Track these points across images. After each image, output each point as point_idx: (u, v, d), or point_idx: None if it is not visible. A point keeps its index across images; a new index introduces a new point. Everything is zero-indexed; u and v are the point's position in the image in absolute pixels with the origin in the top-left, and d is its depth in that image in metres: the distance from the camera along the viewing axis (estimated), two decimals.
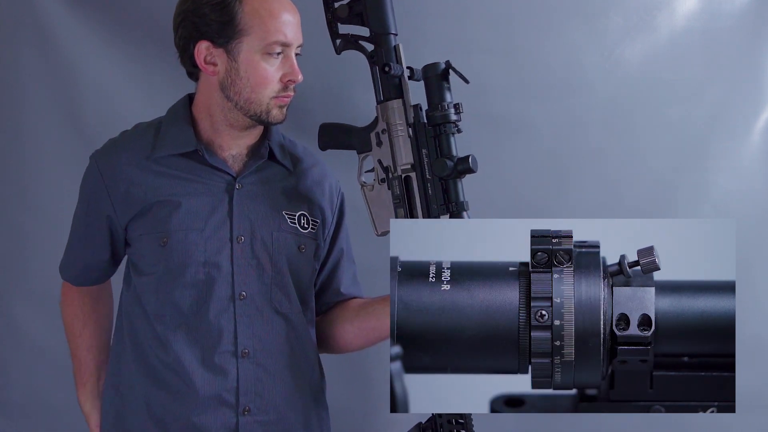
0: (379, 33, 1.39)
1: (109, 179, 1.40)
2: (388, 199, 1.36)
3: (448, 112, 1.35)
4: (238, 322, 1.36)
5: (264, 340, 1.38)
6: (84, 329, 1.53)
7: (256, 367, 1.37)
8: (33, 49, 1.94)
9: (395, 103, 1.38)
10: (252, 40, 1.34)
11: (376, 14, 1.39)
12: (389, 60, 1.38)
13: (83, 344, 1.53)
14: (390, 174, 1.37)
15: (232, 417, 1.36)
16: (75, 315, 1.54)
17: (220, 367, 1.35)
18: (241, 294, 1.37)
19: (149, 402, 1.36)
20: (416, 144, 1.36)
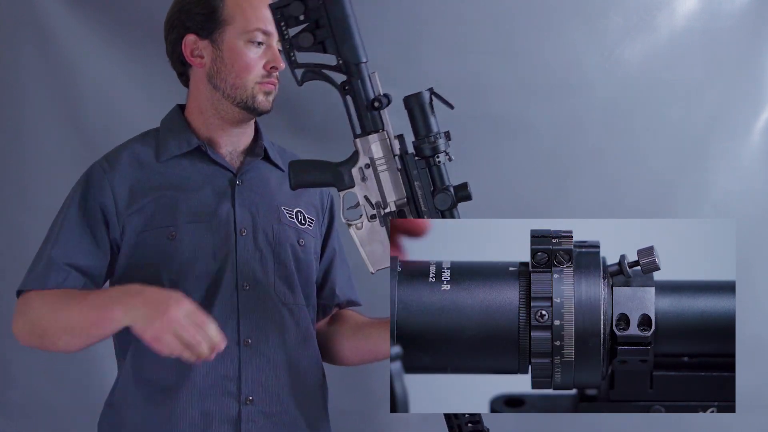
0: (351, 63, 1.29)
1: (112, 178, 1.41)
2: (382, 236, 1.29)
3: (438, 142, 1.28)
4: (241, 312, 1.38)
5: (266, 331, 1.39)
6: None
7: (258, 357, 1.38)
8: (33, 49, 1.94)
9: (377, 136, 1.30)
10: (234, 29, 1.41)
11: (346, 42, 1.28)
12: (366, 91, 1.29)
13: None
14: (381, 210, 1.29)
15: (234, 406, 1.36)
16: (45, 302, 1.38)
17: (221, 356, 1.36)
18: (245, 285, 1.39)
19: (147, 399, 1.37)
20: (407, 177, 1.29)
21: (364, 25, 1.99)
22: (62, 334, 1.34)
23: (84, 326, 1.32)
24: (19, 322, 1.39)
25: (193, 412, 1.35)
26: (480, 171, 2.05)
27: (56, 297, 1.35)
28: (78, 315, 1.31)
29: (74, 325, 1.32)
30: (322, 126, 2.02)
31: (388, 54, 2.01)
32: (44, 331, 1.35)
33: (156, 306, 1.23)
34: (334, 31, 1.27)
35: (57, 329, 1.34)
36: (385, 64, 2.01)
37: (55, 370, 1.95)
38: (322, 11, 1.26)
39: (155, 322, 1.22)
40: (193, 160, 1.44)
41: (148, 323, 1.23)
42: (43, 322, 1.35)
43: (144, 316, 1.24)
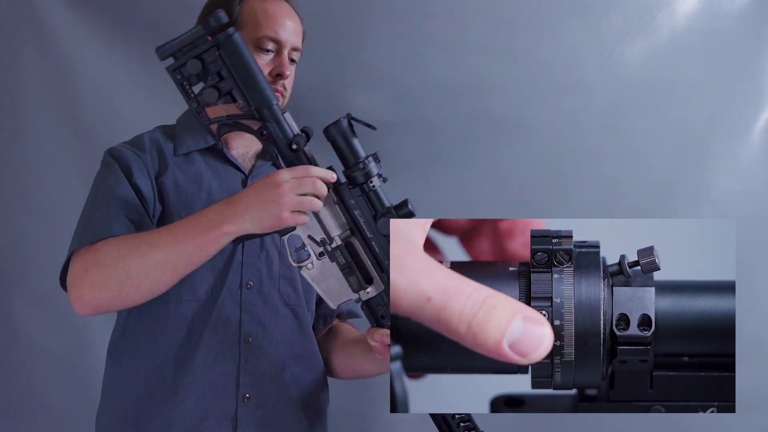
0: (261, 107, 1.25)
1: (145, 160, 1.39)
2: (334, 271, 1.27)
3: (369, 167, 1.25)
4: (243, 310, 1.38)
5: (268, 329, 1.39)
6: None
7: (258, 355, 1.38)
8: (33, 49, 1.95)
9: None
10: (246, 35, 1.39)
11: (252, 89, 1.24)
12: (285, 134, 1.25)
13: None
14: (327, 246, 1.27)
15: (232, 403, 1.36)
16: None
17: (221, 353, 1.36)
18: (248, 283, 1.39)
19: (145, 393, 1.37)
20: (346, 208, 1.26)
21: (364, 25, 2.01)
22: (152, 271, 1.26)
23: (183, 255, 1.25)
24: (86, 279, 1.28)
25: (191, 408, 1.35)
26: (480, 171, 2.06)
27: (133, 237, 1.28)
28: (173, 245, 1.25)
29: (168, 257, 1.25)
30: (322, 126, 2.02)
31: (388, 54, 2.02)
32: (128, 273, 1.26)
33: (263, 193, 1.21)
34: (237, 80, 1.24)
35: (145, 267, 1.26)
36: (385, 64, 2.03)
37: (55, 370, 1.95)
38: (220, 63, 1.24)
39: (272, 206, 1.20)
40: (207, 158, 1.44)
41: (267, 219, 1.21)
42: (127, 261, 1.25)
43: (259, 212, 1.21)
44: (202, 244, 1.25)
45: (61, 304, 1.93)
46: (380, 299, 1.27)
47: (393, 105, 2.03)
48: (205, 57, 1.24)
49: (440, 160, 2.05)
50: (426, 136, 2.04)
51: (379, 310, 1.27)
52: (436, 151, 2.05)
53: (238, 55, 1.24)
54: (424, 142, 2.04)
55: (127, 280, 1.26)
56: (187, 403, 1.35)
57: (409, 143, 2.04)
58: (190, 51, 1.24)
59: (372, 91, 2.02)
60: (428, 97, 2.03)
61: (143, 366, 1.38)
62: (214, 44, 1.24)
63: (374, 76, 2.02)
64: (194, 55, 1.24)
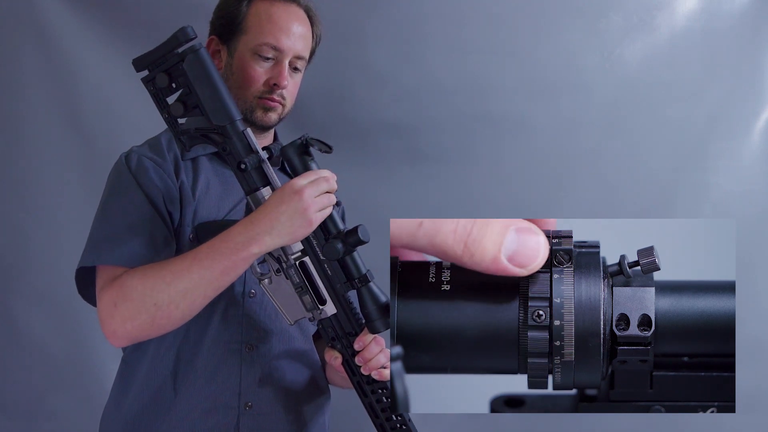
0: (222, 124, 1.25)
1: (167, 169, 1.36)
2: (289, 289, 1.27)
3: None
4: (246, 318, 1.37)
5: (270, 338, 1.39)
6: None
7: (260, 364, 1.38)
8: (33, 49, 1.95)
9: (265, 191, 1.25)
10: (247, 40, 1.39)
11: (213, 105, 1.24)
12: (241, 152, 1.25)
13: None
14: (283, 264, 1.27)
15: (234, 411, 1.36)
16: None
17: (224, 361, 1.36)
18: (251, 292, 1.38)
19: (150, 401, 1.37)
20: None
21: (365, 25, 2.01)
22: (181, 301, 1.24)
23: (210, 280, 1.24)
24: (117, 315, 1.25)
25: (192, 415, 1.35)
26: (480, 171, 2.06)
27: (157, 267, 1.26)
28: (200, 272, 1.23)
29: (196, 285, 1.24)
30: (323, 126, 2.02)
31: (388, 54, 2.02)
32: (157, 305, 1.24)
33: (286, 204, 1.21)
34: (198, 95, 1.24)
35: (173, 298, 1.24)
36: (385, 64, 2.03)
37: (55, 370, 1.95)
38: (184, 77, 1.24)
39: (298, 214, 1.21)
40: (214, 162, 1.42)
41: (298, 228, 1.22)
42: (155, 294, 1.23)
43: (287, 222, 1.22)
44: (229, 268, 1.24)
45: (61, 304, 1.94)
46: (333, 321, 1.28)
47: (393, 105, 2.03)
48: (173, 71, 1.25)
49: (440, 160, 2.05)
50: (426, 136, 2.04)
51: (329, 332, 1.29)
52: (436, 151, 2.05)
53: (200, 70, 1.24)
54: (423, 142, 2.04)
55: (157, 312, 1.25)
56: (189, 412, 1.35)
57: (408, 143, 2.04)
58: (161, 65, 1.25)
59: (372, 91, 2.02)
60: (428, 97, 2.03)
61: (147, 373, 1.38)
62: (179, 59, 1.24)
63: (374, 76, 2.02)
64: (162, 70, 1.25)
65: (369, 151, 2.03)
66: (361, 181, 1.92)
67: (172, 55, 1.25)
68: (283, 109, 1.42)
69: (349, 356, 1.29)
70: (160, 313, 1.25)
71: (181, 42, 1.24)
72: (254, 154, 1.25)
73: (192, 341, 1.36)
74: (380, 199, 1.99)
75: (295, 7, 1.42)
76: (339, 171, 1.62)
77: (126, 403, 1.40)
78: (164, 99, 1.27)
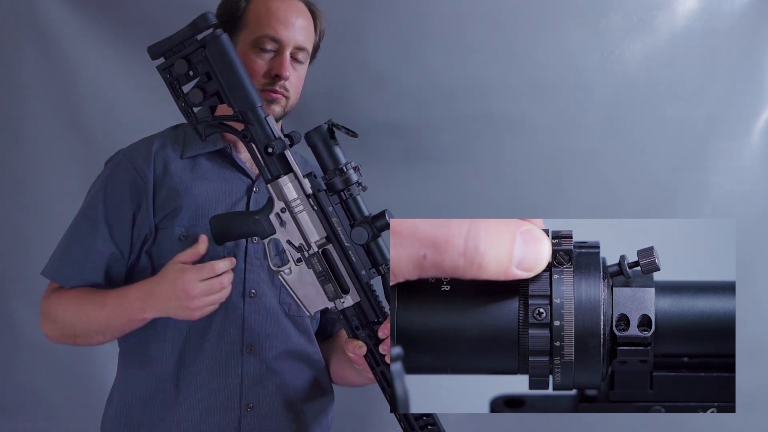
0: (244, 110, 1.25)
1: (142, 167, 1.39)
2: (311, 278, 1.26)
3: (348, 174, 1.23)
4: (246, 319, 1.37)
5: (270, 339, 1.39)
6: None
7: (260, 364, 1.38)
8: (33, 49, 1.95)
9: (286, 178, 1.25)
10: (248, 33, 1.41)
11: (236, 91, 1.24)
12: (265, 137, 1.25)
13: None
14: (305, 252, 1.26)
15: (235, 413, 1.36)
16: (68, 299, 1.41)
17: (224, 362, 1.36)
18: (251, 292, 1.38)
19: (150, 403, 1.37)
20: (324, 215, 1.25)
21: (365, 25, 2.01)
22: (94, 335, 1.38)
23: (115, 327, 1.36)
24: (48, 327, 1.41)
25: (193, 416, 1.35)
26: (480, 171, 2.06)
27: (77, 301, 1.37)
28: (106, 319, 1.35)
29: (104, 327, 1.36)
30: None
31: (388, 54, 2.02)
32: (76, 334, 1.39)
33: (176, 297, 1.27)
34: (221, 81, 1.24)
35: (88, 331, 1.37)
36: (385, 64, 2.03)
37: (55, 369, 1.95)
38: (206, 63, 1.24)
39: (184, 309, 1.28)
40: (215, 161, 1.43)
41: (180, 312, 1.29)
42: (73, 328, 1.38)
43: (174, 309, 1.29)
44: (129, 323, 1.35)
45: None
46: (356, 309, 1.26)
47: (393, 105, 2.03)
48: (192, 58, 1.25)
49: (440, 160, 2.05)
50: (426, 136, 2.04)
51: (353, 321, 1.27)
52: (436, 151, 2.05)
53: (223, 56, 1.24)
54: (424, 142, 2.04)
55: (76, 338, 1.40)
56: (191, 413, 1.35)
57: (408, 143, 2.04)
58: (179, 51, 1.25)
59: (372, 91, 2.02)
60: (428, 97, 2.03)
61: (148, 374, 1.38)
62: (200, 45, 1.24)
63: (374, 76, 2.02)
64: (182, 56, 1.25)
65: (369, 151, 2.02)
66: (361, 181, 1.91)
67: (192, 41, 1.24)
68: (287, 102, 1.42)
69: (373, 345, 1.26)
70: (80, 339, 1.40)
71: (201, 28, 1.24)
72: (278, 139, 1.25)
73: (193, 342, 1.37)
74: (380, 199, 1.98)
75: (295, 1, 1.43)
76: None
77: (127, 403, 1.40)
78: (180, 87, 1.26)
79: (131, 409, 1.39)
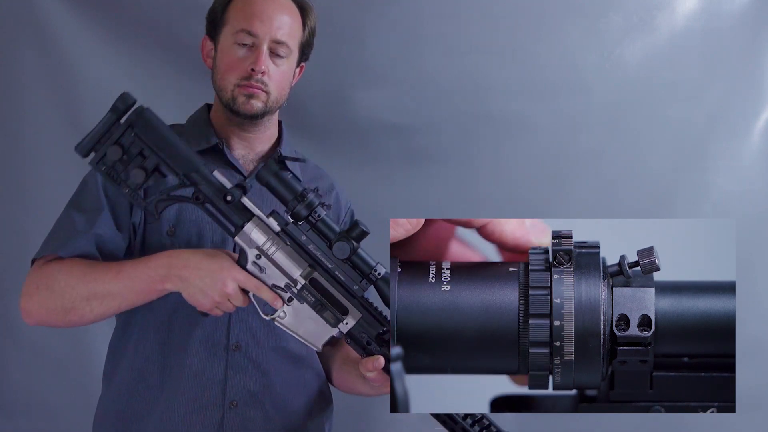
0: (188, 173, 1.23)
1: None
2: (307, 312, 1.25)
3: (309, 198, 1.21)
4: (233, 316, 1.37)
5: (257, 337, 1.38)
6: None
7: (245, 362, 1.37)
8: (33, 49, 1.95)
9: (251, 225, 1.23)
10: (228, 29, 1.41)
11: (175, 158, 1.22)
12: (217, 191, 1.23)
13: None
14: (294, 289, 1.25)
15: (218, 410, 1.36)
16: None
17: (209, 359, 1.36)
18: None
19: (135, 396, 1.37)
20: (299, 245, 1.23)
21: (364, 25, 2.01)
22: (95, 303, 1.30)
23: (125, 294, 1.28)
24: (36, 297, 1.33)
25: (177, 413, 1.35)
26: (480, 171, 2.06)
27: (84, 266, 1.30)
28: (117, 284, 1.28)
29: (112, 293, 1.28)
30: (323, 126, 2.02)
31: (387, 54, 2.02)
32: (72, 303, 1.30)
33: (211, 278, 1.23)
34: (158, 154, 1.22)
35: (89, 298, 1.29)
36: (385, 64, 2.03)
37: (54, 370, 1.95)
38: (138, 142, 1.22)
39: (205, 294, 1.23)
40: (207, 158, 1.42)
41: (202, 296, 1.24)
42: (74, 294, 1.29)
43: (200, 291, 1.23)
44: (144, 293, 1.28)
45: None
46: (361, 326, 1.25)
47: (393, 105, 2.03)
48: (123, 141, 1.23)
49: (440, 160, 2.05)
50: (426, 136, 2.04)
51: (363, 338, 1.25)
52: (436, 151, 2.05)
53: (153, 129, 1.23)
54: (423, 141, 2.04)
55: (71, 309, 1.30)
56: (174, 409, 1.35)
57: (408, 143, 2.04)
58: (108, 139, 1.22)
59: (372, 91, 2.02)
60: (428, 97, 2.03)
61: (132, 370, 1.38)
62: (127, 126, 1.22)
63: (374, 76, 2.02)
64: (112, 143, 1.22)
65: (369, 151, 2.03)
66: (361, 181, 1.91)
67: (118, 125, 1.23)
68: (268, 97, 1.40)
69: (388, 352, 1.24)
70: (74, 311, 1.30)
71: (123, 110, 1.22)
72: (234, 188, 1.24)
73: (177, 339, 1.36)
74: (380, 199, 1.98)
75: None
76: (339, 171, 1.63)
77: (112, 399, 1.40)
78: (119, 175, 1.24)
79: (117, 405, 1.39)
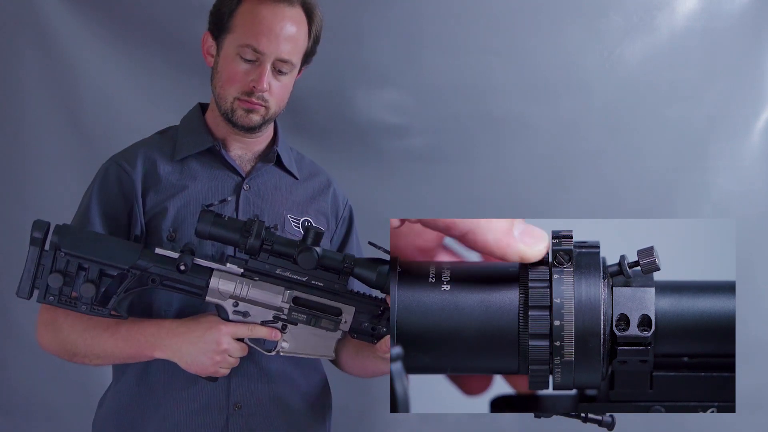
0: (133, 266, 1.23)
1: (131, 172, 1.39)
2: (305, 330, 1.27)
3: (255, 228, 1.22)
4: None
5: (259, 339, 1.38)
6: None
7: (249, 365, 1.37)
8: (33, 49, 1.95)
9: (214, 279, 1.24)
10: (233, 38, 1.39)
11: (113, 258, 1.22)
12: (166, 267, 1.23)
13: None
14: (282, 316, 1.27)
15: (223, 413, 1.36)
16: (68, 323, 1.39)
17: None
18: None
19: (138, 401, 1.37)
20: (268, 275, 1.25)
21: (364, 25, 2.01)
22: (94, 359, 1.35)
23: (119, 356, 1.34)
24: (47, 337, 1.37)
25: (181, 414, 1.35)
26: (480, 171, 2.06)
27: (87, 320, 1.32)
28: (112, 347, 1.32)
29: (108, 354, 1.33)
30: (323, 126, 2.02)
31: (387, 54, 2.02)
32: (75, 353, 1.35)
33: (203, 343, 1.26)
34: (96, 261, 1.22)
35: (89, 354, 1.34)
36: (384, 64, 2.03)
37: (55, 370, 1.95)
38: (73, 259, 1.22)
39: (205, 359, 1.27)
40: (204, 160, 1.43)
41: (201, 361, 1.27)
42: (75, 346, 1.34)
43: (197, 356, 1.27)
44: (136, 356, 1.32)
45: None
46: (359, 318, 1.27)
47: (393, 105, 2.03)
48: (58, 266, 1.23)
49: (440, 160, 2.05)
50: (426, 136, 2.05)
51: (366, 327, 1.28)
52: (436, 151, 2.05)
53: (79, 240, 1.23)
54: (423, 142, 2.05)
55: (75, 355, 1.35)
56: (178, 411, 1.35)
57: (409, 143, 2.04)
58: (43, 271, 1.23)
59: (372, 91, 2.02)
60: (428, 97, 2.03)
61: (136, 372, 1.38)
62: (55, 248, 1.22)
63: (374, 76, 2.02)
64: (48, 273, 1.23)
65: (369, 151, 2.03)
66: (361, 181, 1.91)
67: (47, 253, 1.23)
68: (267, 111, 1.40)
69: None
70: (77, 359, 1.35)
71: (42, 237, 1.22)
72: (181, 255, 1.23)
73: None
74: (380, 199, 1.99)
75: (285, 7, 1.38)
76: (339, 171, 1.63)
77: (116, 402, 1.40)
78: (70, 298, 1.24)
79: (120, 407, 1.39)
